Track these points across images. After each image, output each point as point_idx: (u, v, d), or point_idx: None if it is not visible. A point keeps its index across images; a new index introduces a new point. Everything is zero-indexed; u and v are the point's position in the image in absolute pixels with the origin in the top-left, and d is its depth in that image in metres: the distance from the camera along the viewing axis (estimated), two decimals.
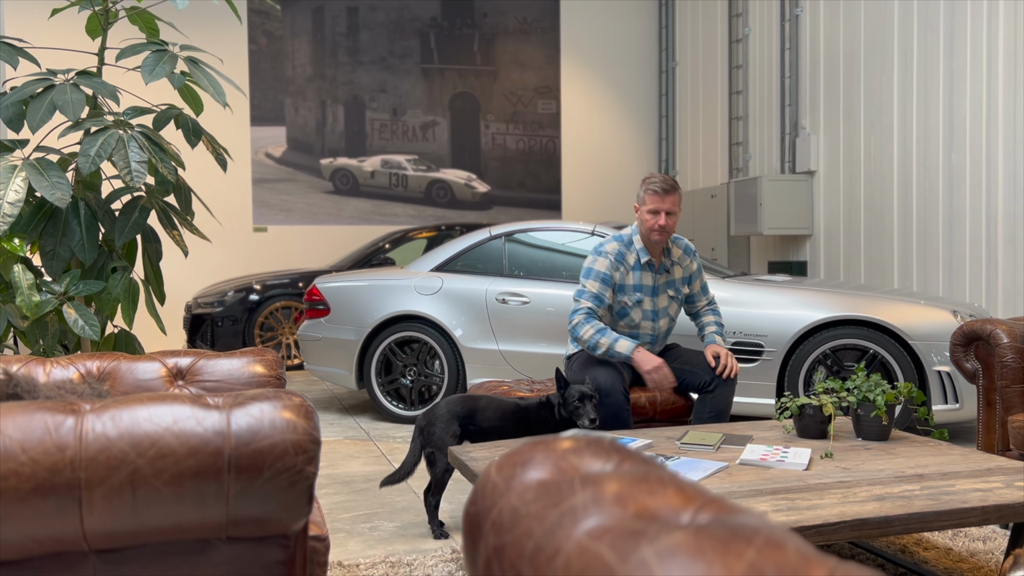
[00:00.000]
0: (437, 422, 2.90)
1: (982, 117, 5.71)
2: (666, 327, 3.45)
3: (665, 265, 3.39)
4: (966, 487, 2.03)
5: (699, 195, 8.69)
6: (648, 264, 3.34)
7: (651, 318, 3.38)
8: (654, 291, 3.37)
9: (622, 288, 3.32)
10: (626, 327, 3.37)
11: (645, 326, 3.38)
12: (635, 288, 3.33)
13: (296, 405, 1.24)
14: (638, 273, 3.34)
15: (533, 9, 9.82)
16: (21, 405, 1.17)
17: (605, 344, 3.21)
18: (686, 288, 3.47)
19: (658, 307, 3.39)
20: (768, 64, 8.10)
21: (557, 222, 5.16)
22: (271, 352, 2.25)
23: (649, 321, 3.38)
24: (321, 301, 5.32)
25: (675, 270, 3.43)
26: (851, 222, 7.05)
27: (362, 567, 2.65)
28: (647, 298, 3.35)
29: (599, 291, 3.27)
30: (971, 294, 5.80)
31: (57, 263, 3.16)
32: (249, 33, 9.00)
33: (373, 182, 9.40)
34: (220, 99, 3.30)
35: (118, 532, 1.16)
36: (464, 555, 0.76)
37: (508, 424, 2.93)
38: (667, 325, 3.45)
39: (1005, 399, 2.97)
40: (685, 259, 3.46)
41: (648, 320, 3.37)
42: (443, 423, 2.89)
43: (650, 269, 3.35)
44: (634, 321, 3.35)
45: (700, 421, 3.22)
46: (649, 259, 3.33)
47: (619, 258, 3.32)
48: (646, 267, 3.34)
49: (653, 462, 0.74)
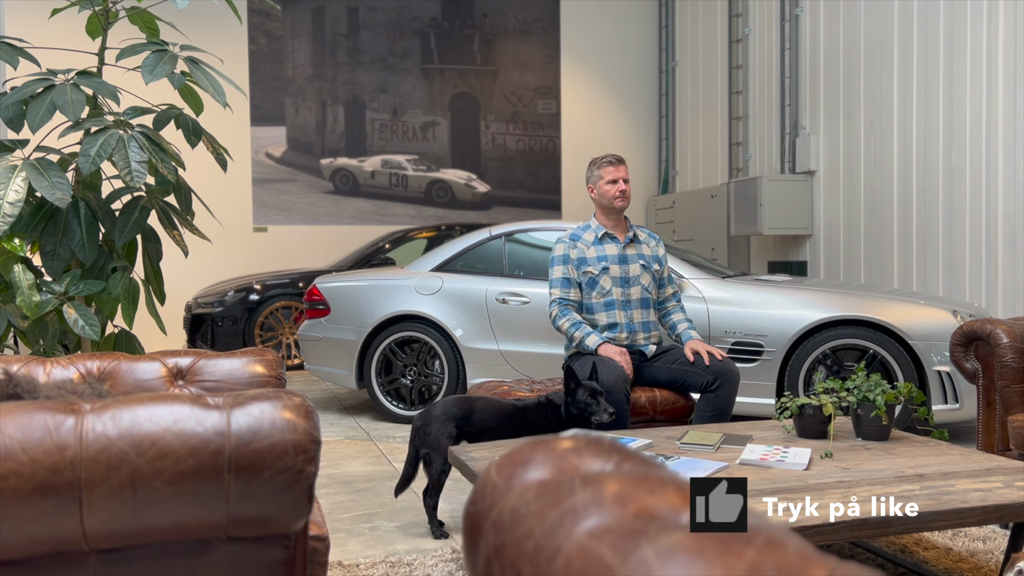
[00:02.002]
0: (433, 423, 2.90)
1: (982, 117, 5.71)
2: (638, 296, 3.50)
3: (630, 236, 3.56)
4: (966, 487, 2.03)
5: (699, 195, 8.69)
6: (608, 236, 3.52)
7: (621, 284, 3.49)
8: (622, 259, 3.51)
9: (583, 260, 3.49)
10: (599, 296, 3.48)
11: (617, 292, 3.48)
12: (599, 259, 3.49)
13: (296, 405, 1.24)
14: (599, 246, 3.51)
15: (533, 9, 9.82)
16: (21, 405, 1.17)
17: (578, 338, 3.42)
18: (656, 265, 3.60)
19: (629, 275, 3.50)
20: (768, 64, 8.10)
21: (557, 222, 5.16)
22: (271, 352, 2.25)
23: (620, 288, 3.48)
24: (321, 301, 5.32)
25: (642, 246, 3.59)
26: (851, 222, 7.05)
27: (362, 567, 2.65)
28: (614, 265, 3.49)
29: (563, 273, 3.49)
30: (971, 294, 5.80)
31: (57, 263, 3.16)
32: (249, 33, 9.00)
33: (373, 182, 9.40)
34: (220, 99, 3.30)
35: (118, 532, 1.16)
36: (464, 555, 0.76)
37: (505, 425, 2.93)
38: (639, 294, 3.51)
39: (1005, 399, 2.97)
40: (651, 241, 3.66)
41: (619, 287, 3.48)
42: (439, 424, 2.89)
43: (612, 241, 3.52)
44: (605, 289, 3.47)
45: (702, 421, 3.22)
46: (606, 232, 3.52)
47: (574, 237, 3.55)
48: (606, 239, 3.52)
49: (653, 462, 0.74)
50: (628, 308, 3.48)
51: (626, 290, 3.49)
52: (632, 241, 3.56)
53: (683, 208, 8.96)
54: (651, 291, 3.55)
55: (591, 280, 3.46)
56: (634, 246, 3.56)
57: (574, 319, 3.42)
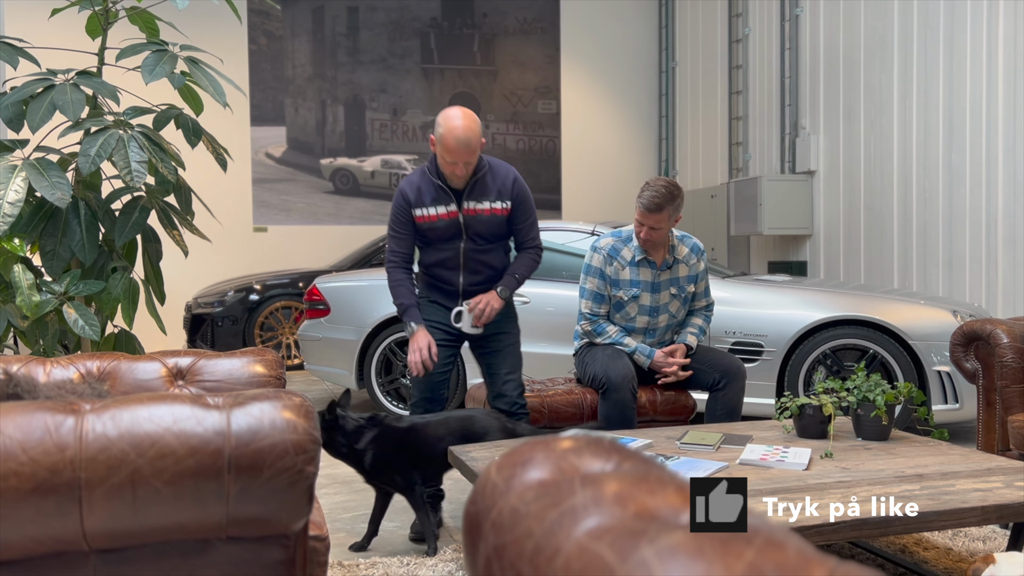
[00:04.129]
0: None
1: (982, 117, 5.71)
2: (664, 323, 3.43)
3: (668, 262, 3.36)
4: (966, 487, 2.03)
5: (699, 195, 8.69)
6: (645, 261, 3.33)
7: (649, 313, 3.36)
8: (654, 287, 3.34)
9: (616, 283, 3.32)
10: (622, 320, 3.37)
11: (641, 320, 3.36)
12: (631, 283, 3.32)
13: (296, 405, 1.24)
14: (634, 268, 3.32)
15: (533, 9, 9.82)
16: (21, 405, 1.17)
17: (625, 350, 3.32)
18: (691, 287, 3.42)
19: (659, 303, 3.36)
20: (768, 64, 8.10)
21: (557, 222, 5.16)
22: (271, 352, 2.25)
23: (646, 316, 3.36)
24: (321, 301, 5.32)
25: (679, 268, 3.39)
26: (851, 222, 7.05)
27: (362, 567, 2.65)
28: (646, 293, 3.33)
29: (597, 287, 3.32)
30: (971, 294, 5.80)
31: (57, 263, 3.15)
32: (249, 33, 8.99)
33: (373, 182, 9.40)
34: (220, 99, 3.30)
35: (118, 532, 1.16)
36: (464, 555, 0.76)
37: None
38: (666, 321, 3.43)
39: (1005, 399, 2.97)
40: (692, 258, 3.42)
41: (645, 315, 3.36)
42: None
43: (649, 265, 3.34)
44: (630, 315, 3.35)
45: (713, 420, 3.21)
46: (644, 256, 3.32)
47: (613, 253, 3.33)
48: (643, 263, 3.33)
49: (653, 462, 0.74)
50: (651, 336, 3.41)
51: (654, 319, 3.37)
52: (670, 266, 3.37)
53: (683, 208, 8.95)
54: (678, 315, 3.44)
55: (618, 303, 3.35)
56: (670, 271, 3.37)
57: (611, 337, 3.33)
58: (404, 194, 2.99)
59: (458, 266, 3.03)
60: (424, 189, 2.97)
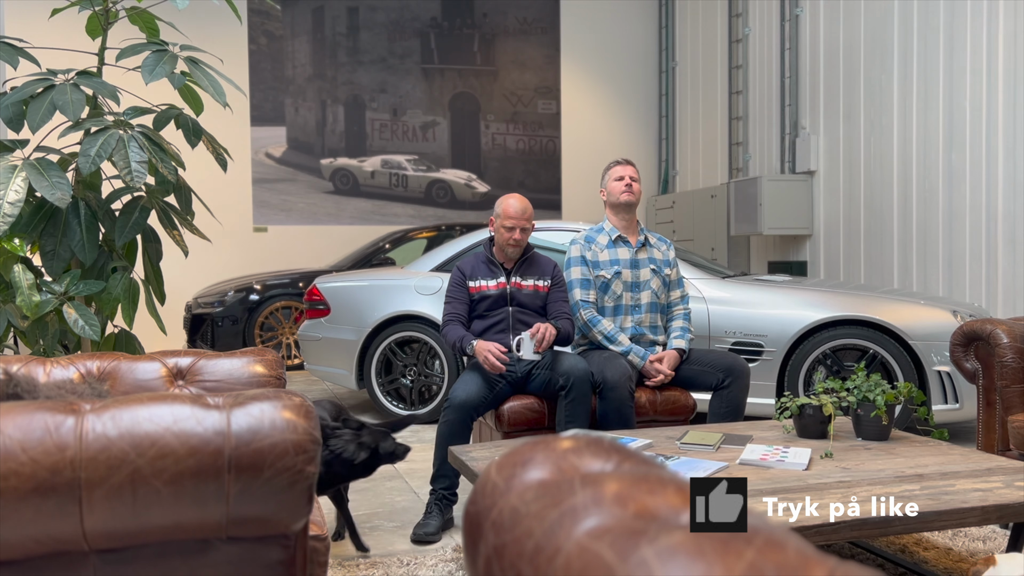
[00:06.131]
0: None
1: (982, 117, 5.71)
2: (648, 300, 3.50)
3: (641, 240, 3.59)
4: (966, 487, 2.03)
5: (699, 195, 8.69)
6: (620, 239, 3.54)
7: (631, 289, 3.51)
8: (634, 264, 3.53)
9: (597, 264, 3.52)
10: (610, 300, 3.50)
11: (626, 297, 3.50)
12: (612, 262, 3.52)
13: (296, 405, 1.24)
14: (612, 249, 3.54)
15: (533, 9, 9.82)
16: (21, 405, 1.17)
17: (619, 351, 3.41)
18: (667, 269, 3.61)
19: (639, 279, 3.52)
20: (768, 64, 8.10)
21: (557, 222, 5.16)
22: (271, 352, 2.25)
23: (630, 292, 3.51)
24: (321, 301, 5.32)
25: (654, 251, 3.61)
26: (851, 222, 7.05)
27: (362, 567, 2.65)
28: (626, 270, 3.52)
29: (582, 275, 3.50)
30: (971, 294, 5.80)
31: (57, 263, 3.15)
32: (249, 33, 9.00)
33: (373, 182, 9.40)
34: (220, 99, 3.30)
35: (118, 532, 1.16)
36: (464, 555, 0.76)
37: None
38: (649, 298, 3.51)
39: (1005, 399, 2.97)
40: (661, 245, 3.67)
41: (629, 291, 3.50)
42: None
43: (625, 245, 3.54)
44: (616, 293, 3.49)
45: (716, 419, 3.25)
46: (620, 235, 3.54)
47: (589, 240, 3.57)
48: (618, 242, 3.54)
49: (653, 462, 0.74)
50: (637, 312, 3.49)
51: (636, 295, 3.50)
52: (644, 245, 3.58)
53: (683, 208, 8.96)
54: (660, 295, 3.55)
55: (603, 284, 3.48)
56: (645, 250, 3.58)
57: (605, 331, 3.41)
58: (461, 269, 3.41)
59: (508, 328, 3.33)
60: (476, 266, 3.40)
